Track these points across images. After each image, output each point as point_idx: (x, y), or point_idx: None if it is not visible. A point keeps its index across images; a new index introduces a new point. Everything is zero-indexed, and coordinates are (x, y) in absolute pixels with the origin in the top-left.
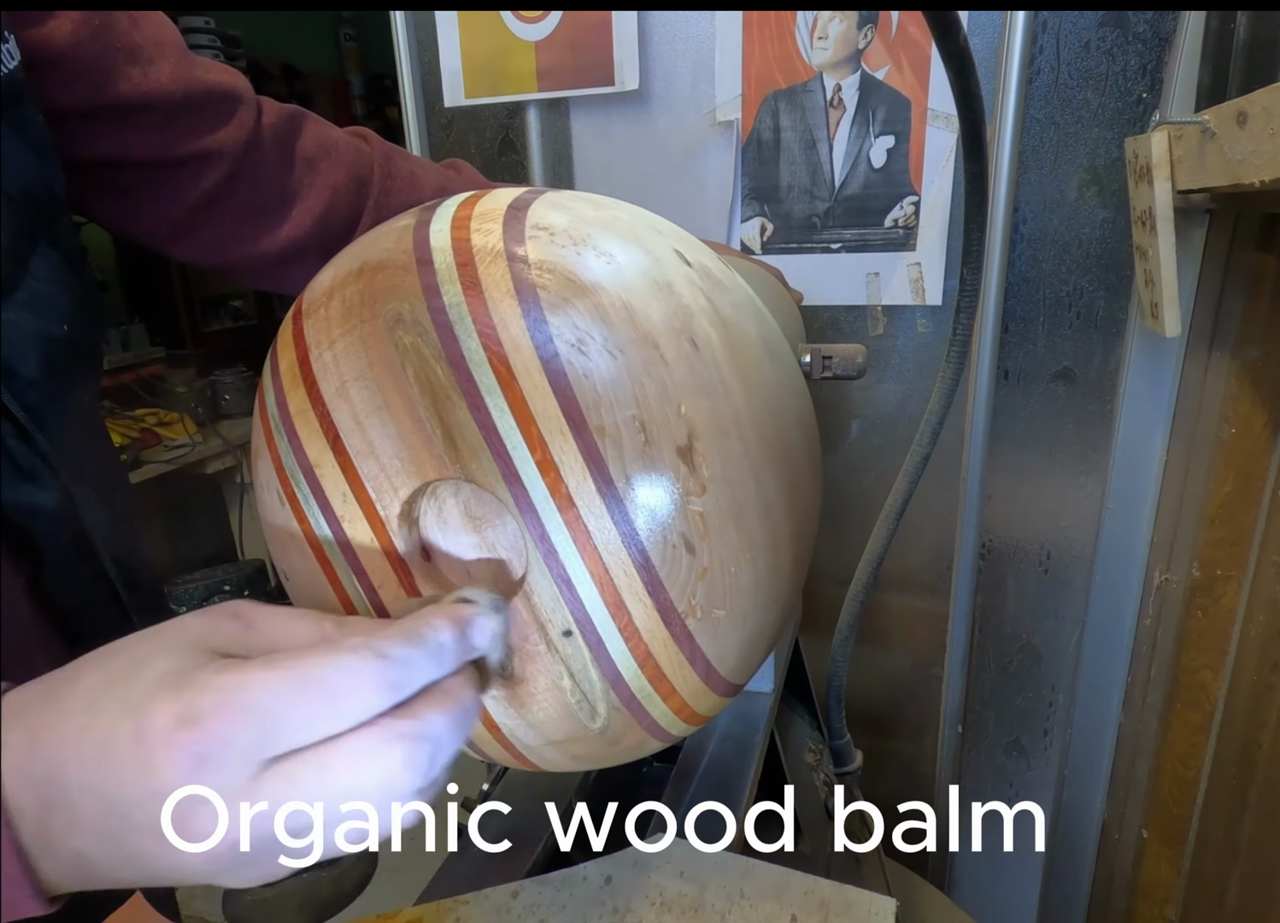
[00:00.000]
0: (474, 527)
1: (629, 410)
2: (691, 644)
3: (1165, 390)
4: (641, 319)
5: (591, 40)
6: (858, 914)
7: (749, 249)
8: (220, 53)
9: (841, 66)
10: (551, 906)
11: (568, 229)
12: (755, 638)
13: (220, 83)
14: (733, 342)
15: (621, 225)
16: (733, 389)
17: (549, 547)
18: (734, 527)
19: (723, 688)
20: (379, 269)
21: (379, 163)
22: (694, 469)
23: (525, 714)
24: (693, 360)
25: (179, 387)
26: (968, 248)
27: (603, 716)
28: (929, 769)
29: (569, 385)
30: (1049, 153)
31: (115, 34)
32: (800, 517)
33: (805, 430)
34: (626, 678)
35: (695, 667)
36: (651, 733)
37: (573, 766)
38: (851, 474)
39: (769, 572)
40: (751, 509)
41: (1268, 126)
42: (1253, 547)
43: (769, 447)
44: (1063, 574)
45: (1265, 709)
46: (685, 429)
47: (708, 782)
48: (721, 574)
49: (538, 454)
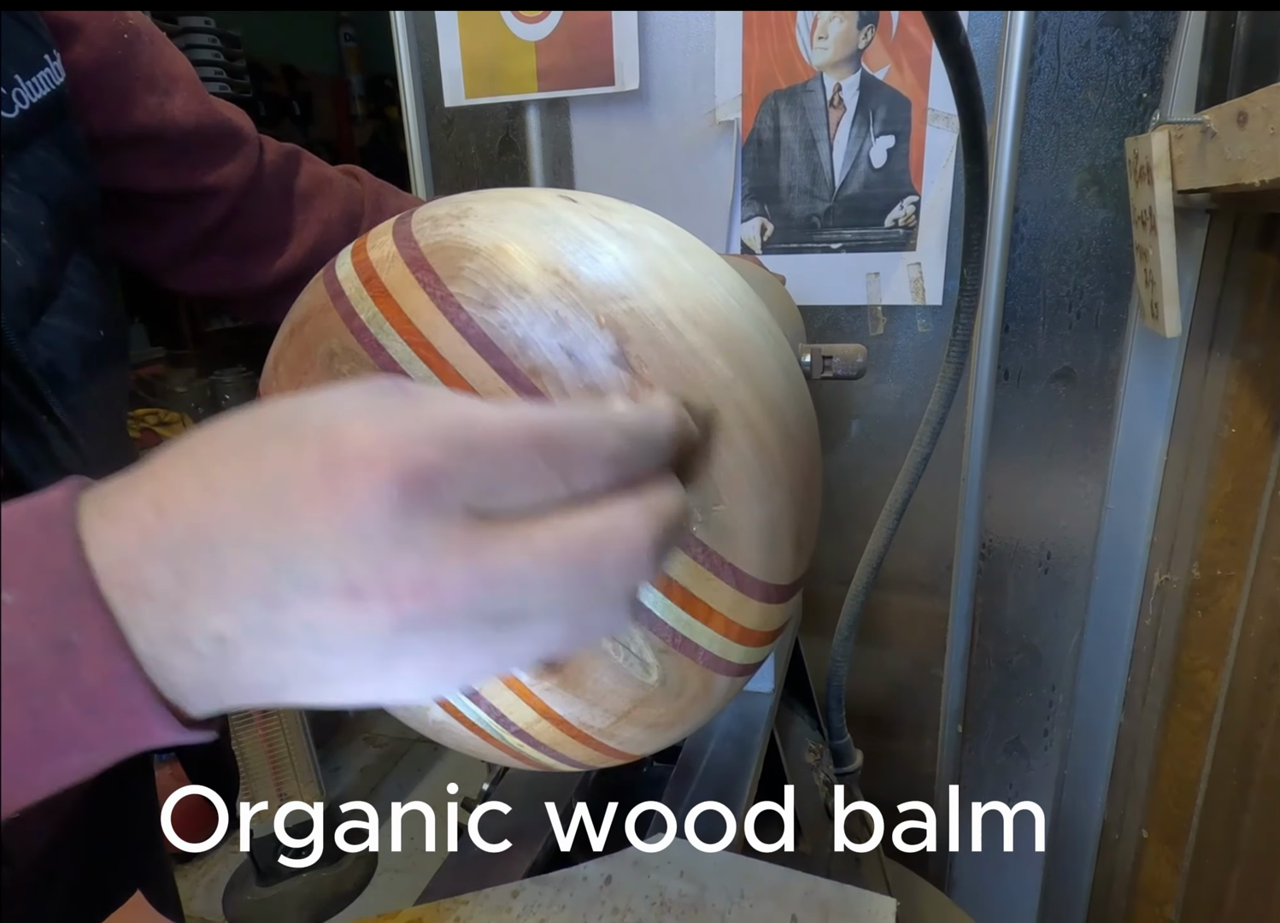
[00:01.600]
0: None
1: (551, 340)
2: (706, 552)
3: (1165, 390)
4: (536, 254)
5: (591, 40)
6: (858, 914)
7: (749, 249)
8: (220, 52)
9: (841, 66)
10: (551, 906)
11: (449, 211)
12: (772, 526)
13: (229, 119)
14: (636, 245)
15: (499, 192)
16: (646, 286)
17: None
18: (695, 413)
19: (761, 592)
20: (304, 321)
21: (369, 199)
22: (635, 373)
23: (583, 694)
24: (596, 272)
25: (179, 387)
26: (968, 248)
27: (655, 665)
28: (929, 769)
29: (490, 342)
30: (1049, 153)
31: (136, 65)
32: (775, 393)
33: (751, 313)
34: (659, 613)
35: (721, 576)
36: (712, 667)
37: (655, 737)
38: (851, 474)
39: (754, 451)
40: (709, 389)
41: (1268, 126)
42: (1253, 547)
43: (706, 330)
44: (1063, 574)
45: (1265, 709)
46: (611, 337)
47: (708, 782)
48: (703, 466)
49: None
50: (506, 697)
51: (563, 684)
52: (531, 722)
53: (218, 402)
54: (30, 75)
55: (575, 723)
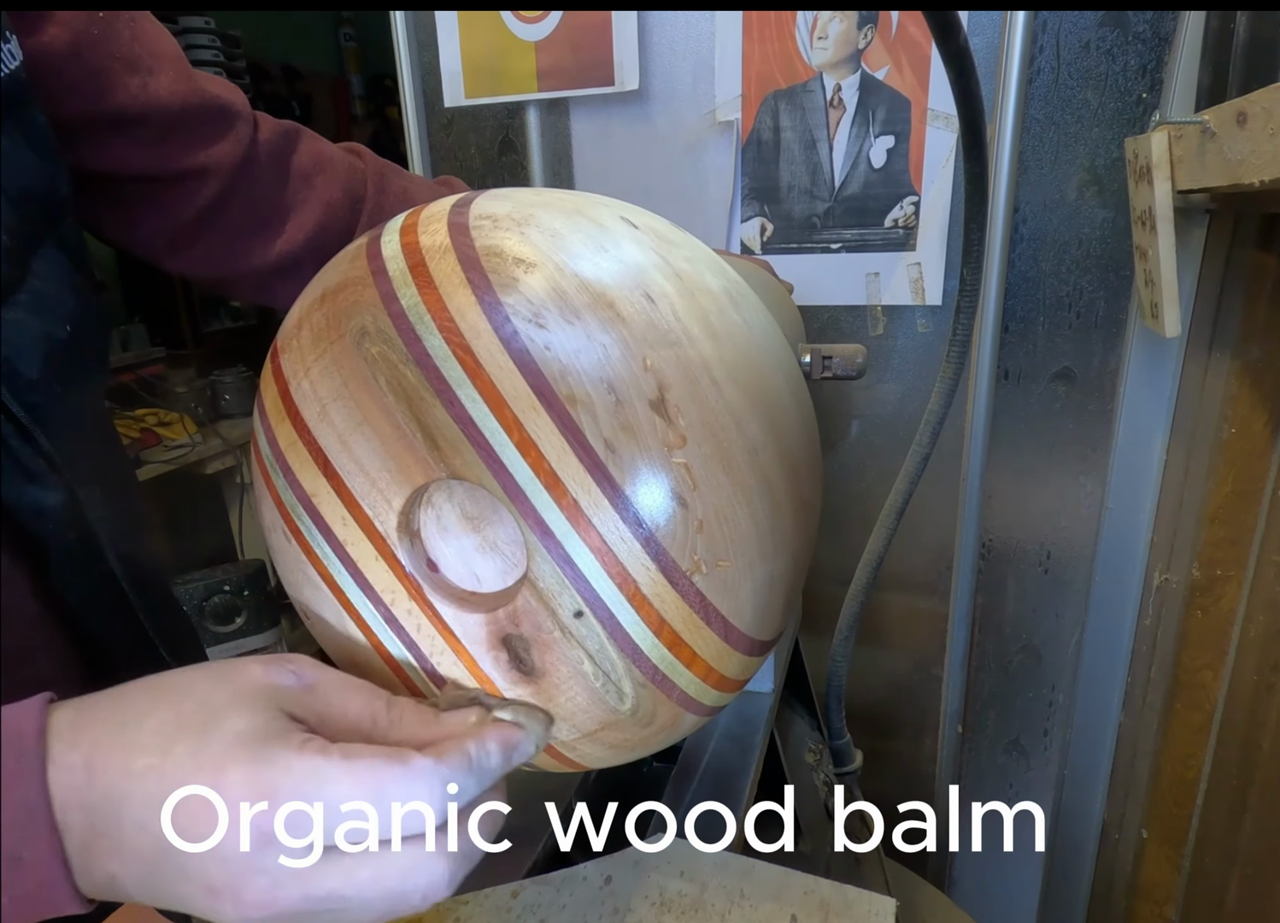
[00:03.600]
0: (473, 527)
1: (595, 373)
2: (703, 602)
3: (1165, 390)
4: (593, 283)
5: (591, 40)
6: (858, 914)
7: (749, 249)
8: (220, 52)
9: (841, 66)
10: (551, 906)
11: (510, 213)
12: (768, 587)
13: (218, 97)
14: (690, 291)
15: (564, 202)
16: (696, 336)
17: (544, 528)
18: (722, 473)
19: (746, 646)
20: (339, 290)
21: (372, 178)
22: (670, 421)
23: (554, 708)
24: (650, 313)
25: (179, 387)
26: (968, 248)
27: (630, 695)
28: (929, 769)
29: (533, 360)
30: (1049, 153)
31: (116, 44)
32: (795, 458)
33: (785, 373)
34: (645, 650)
35: (712, 626)
36: (684, 706)
37: (614, 757)
38: (851, 474)
39: (768, 516)
40: (737, 453)
41: (1268, 126)
42: (1253, 547)
43: (745, 389)
44: (1063, 574)
45: (1265, 709)
46: (654, 381)
47: (708, 782)
48: (719, 524)
49: (515, 435)
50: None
51: (535, 695)
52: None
53: (218, 402)
54: None
55: None
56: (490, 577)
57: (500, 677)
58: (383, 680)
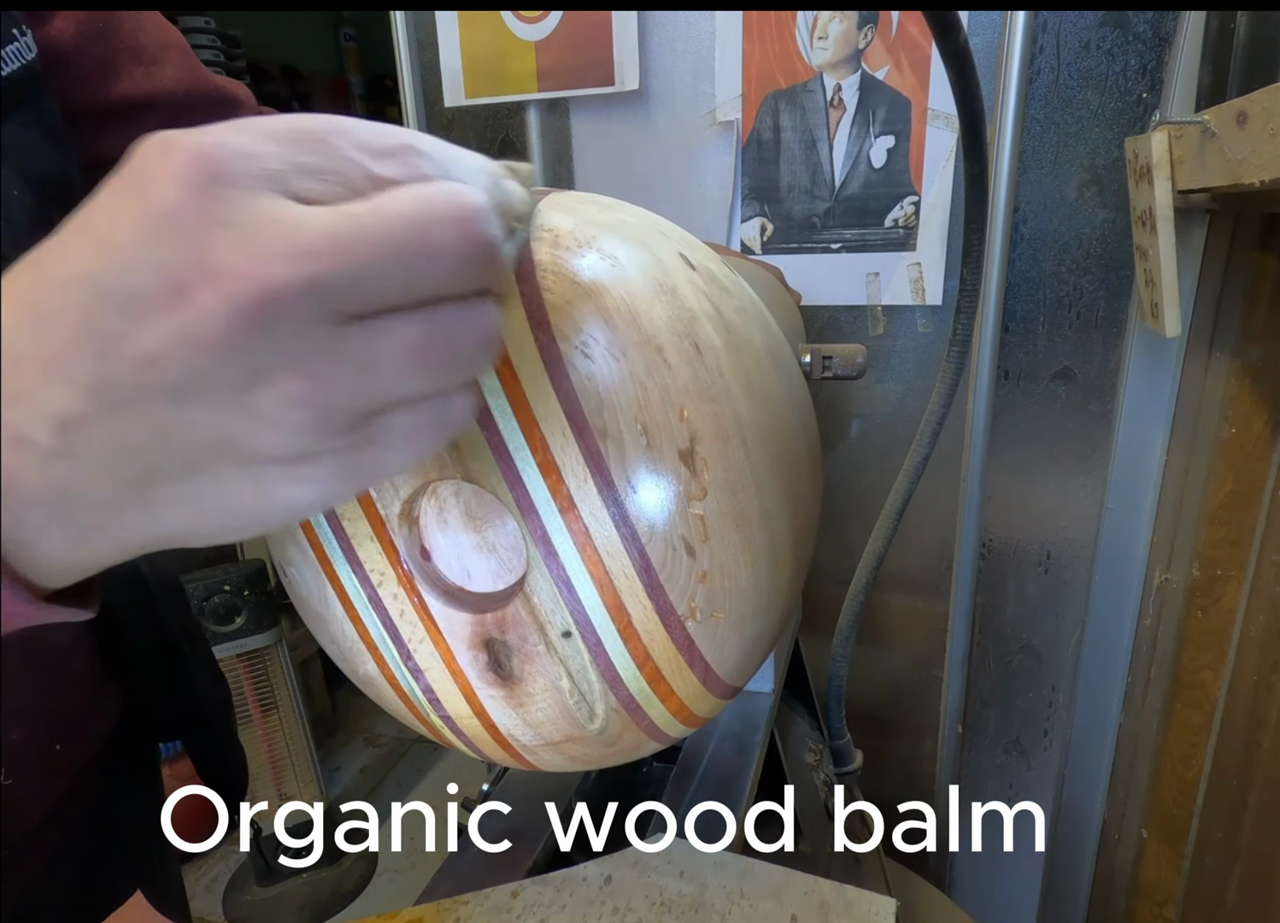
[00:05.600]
0: (474, 527)
1: (631, 413)
2: (690, 647)
3: (1165, 390)
4: (645, 322)
5: (591, 40)
6: (858, 914)
7: (749, 249)
8: (220, 52)
9: (841, 66)
10: (551, 906)
11: (573, 231)
12: (754, 642)
13: (222, 86)
14: (736, 346)
15: (627, 228)
16: (735, 394)
17: (549, 548)
18: (735, 531)
19: (721, 691)
20: None
21: None
22: (695, 473)
23: (523, 714)
24: (695, 364)
25: None
26: (968, 248)
27: (601, 717)
28: (929, 769)
29: (572, 388)
30: (1049, 153)
31: (120, 35)
32: (801, 523)
33: (808, 438)
34: (625, 680)
35: (694, 669)
36: (649, 734)
37: (569, 766)
38: (851, 474)
39: (769, 577)
40: (752, 514)
41: (1268, 126)
42: (1253, 547)
43: (771, 453)
44: (1063, 574)
45: (1265, 709)
46: (687, 433)
47: (708, 782)
48: (721, 578)
49: (539, 456)
50: (448, 686)
51: (508, 698)
52: (463, 715)
53: None
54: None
55: (504, 732)
56: (482, 576)
57: (475, 675)
58: (355, 655)
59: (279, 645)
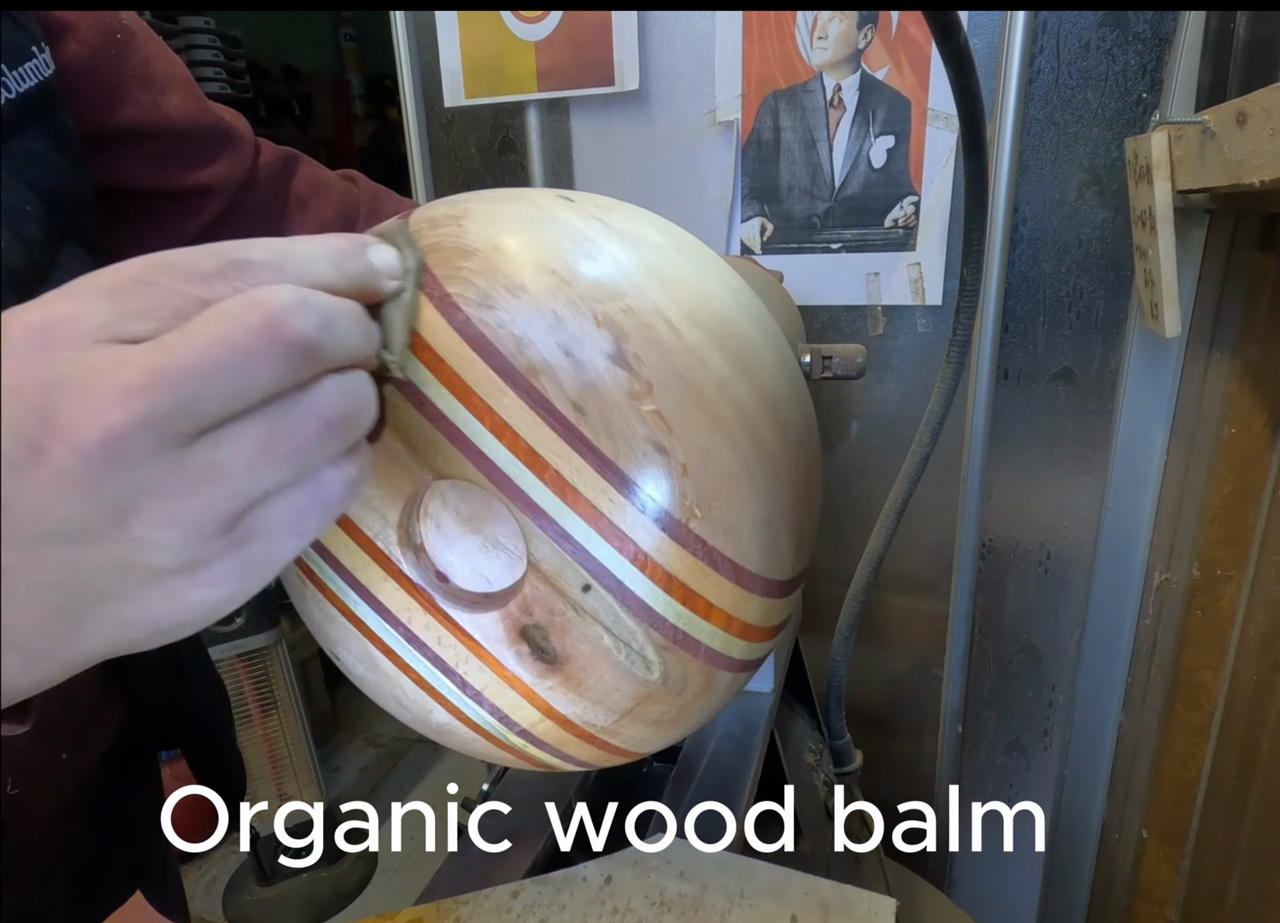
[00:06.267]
0: (472, 528)
1: (549, 339)
2: (706, 548)
3: (1165, 390)
4: (533, 253)
5: (591, 40)
6: (858, 914)
7: (749, 249)
8: (220, 52)
9: (841, 66)
10: (551, 906)
11: (446, 212)
12: (770, 524)
13: (223, 119)
14: (633, 244)
15: (499, 193)
16: (643, 283)
17: (534, 508)
18: (695, 412)
19: (762, 587)
20: None
21: (366, 202)
22: (633, 371)
23: (585, 693)
24: (594, 270)
25: None
26: (968, 248)
27: (656, 662)
28: (929, 769)
29: (489, 341)
30: (1049, 153)
31: (131, 63)
32: (772, 391)
33: (747, 311)
34: (659, 610)
35: (720, 571)
36: (713, 663)
37: (658, 735)
38: (851, 474)
39: (753, 447)
40: (706, 389)
41: (1268, 126)
42: (1253, 547)
43: (703, 327)
44: (1063, 574)
45: (1265, 709)
46: (609, 336)
47: (708, 782)
48: (703, 464)
49: (488, 420)
50: (509, 696)
51: (564, 683)
52: (535, 722)
53: None
54: (16, 66)
55: (578, 722)
56: (498, 575)
57: (526, 672)
58: (422, 708)
59: (279, 646)
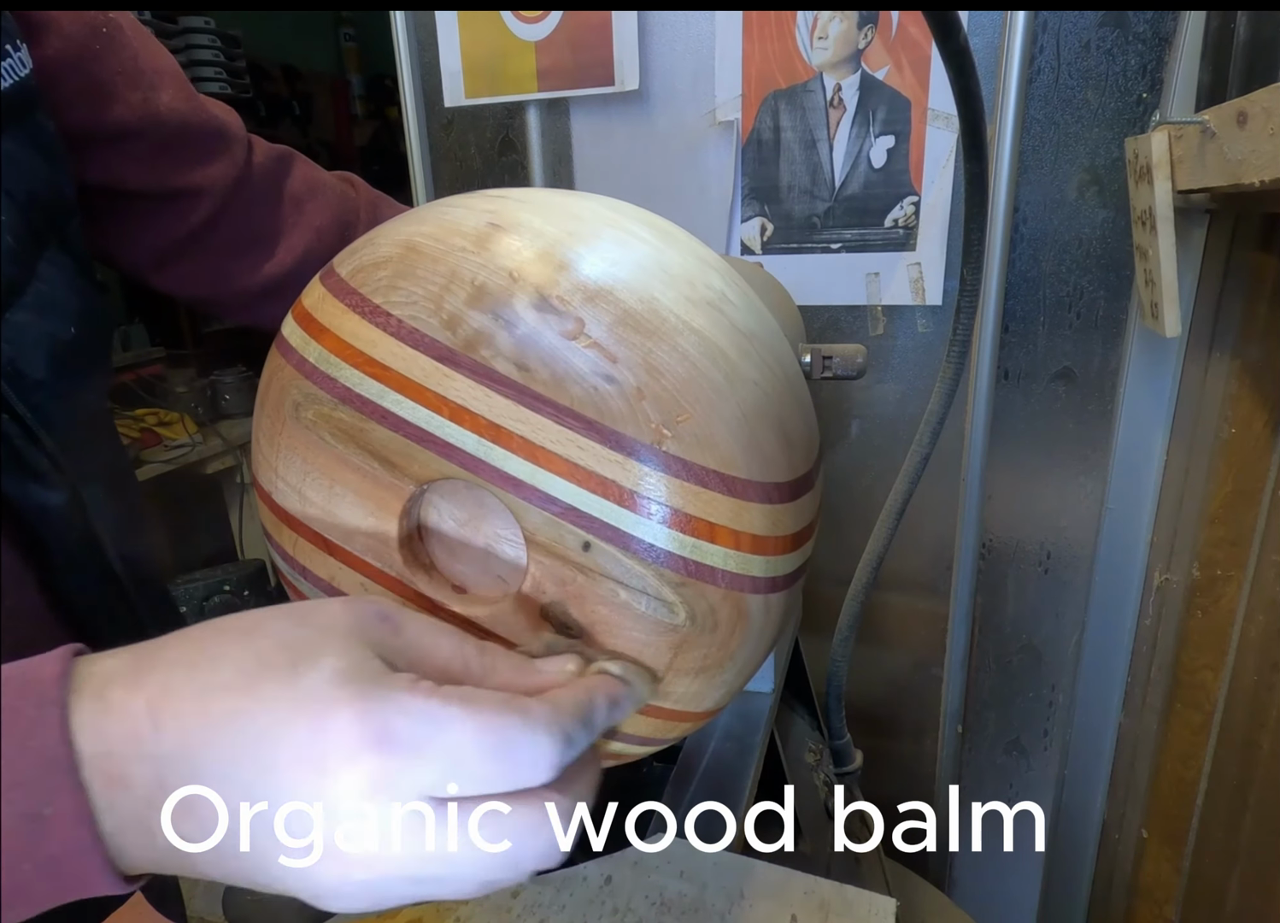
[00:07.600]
0: (472, 529)
1: (473, 309)
2: (686, 466)
3: (1165, 390)
4: (440, 237)
5: (591, 40)
6: (858, 914)
7: (749, 249)
8: (220, 52)
9: (841, 66)
10: (551, 906)
11: (363, 239)
12: (743, 421)
13: (215, 117)
14: (520, 200)
15: (419, 210)
16: (537, 227)
17: (512, 481)
18: (631, 332)
19: (758, 493)
20: (267, 388)
21: (364, 208)
22: (560, 313)
23: (620, 658)
24: (489, 234)
25: (179, 387)
26: (968, 248)
27: (678, 603)
28: (929, 769)
29: (418, 331)
30: (1049, 153)
31: (119, 59)
32: (706, 293)
33: (652, 225)
34: (663, 546)
35: (710, 486)
36: (735, 587)
37: (707, 687)
38: (851, 474)
39: (699, 349)
40: (635, 308)
41: (1268, 126)
42: (1253, 547)
43: (610, 257)
44: (1063, 574)
45: (1265, 709)
46: (529, 285)
47: (708, 782)
48: (655, 381)
49: (445, 410)
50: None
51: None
52: None
53: (218, 402)
54: None
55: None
56: (510, 572)
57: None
58: None
59: None
